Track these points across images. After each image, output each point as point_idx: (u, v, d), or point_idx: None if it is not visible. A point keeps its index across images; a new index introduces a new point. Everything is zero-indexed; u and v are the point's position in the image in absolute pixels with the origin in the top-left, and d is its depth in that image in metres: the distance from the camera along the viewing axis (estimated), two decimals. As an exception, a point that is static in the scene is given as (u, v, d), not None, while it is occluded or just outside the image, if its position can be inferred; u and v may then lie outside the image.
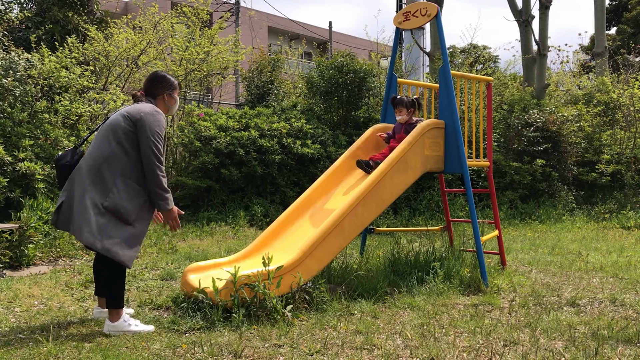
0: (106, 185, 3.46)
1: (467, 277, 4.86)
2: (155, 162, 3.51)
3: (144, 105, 3.65)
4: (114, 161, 3.50)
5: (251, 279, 3.75)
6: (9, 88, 7.17)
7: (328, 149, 10.00)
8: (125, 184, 3.49)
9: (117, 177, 3.49)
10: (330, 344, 3.33)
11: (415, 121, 5.18)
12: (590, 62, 19.12)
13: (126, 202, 3.46)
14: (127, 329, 3.50)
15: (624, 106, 13.25)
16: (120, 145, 3.52)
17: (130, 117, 3.55)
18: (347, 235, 4.38)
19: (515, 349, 3.28)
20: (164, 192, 3.57)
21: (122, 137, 3.53)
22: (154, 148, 3.51)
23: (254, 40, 19.26)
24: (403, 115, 5.18)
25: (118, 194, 3.46)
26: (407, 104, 5.19)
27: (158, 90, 3.77)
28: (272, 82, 12.11)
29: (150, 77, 3.85)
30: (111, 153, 3.51)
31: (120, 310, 3.54)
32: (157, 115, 3.60)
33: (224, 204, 9.35)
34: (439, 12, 5.14)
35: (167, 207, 3.59)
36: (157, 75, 3.82)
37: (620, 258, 6.54)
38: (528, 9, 13.81)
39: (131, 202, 3.48)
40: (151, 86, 3.78)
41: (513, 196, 10.96)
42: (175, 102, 3.88)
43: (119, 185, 3.48)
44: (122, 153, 3.52)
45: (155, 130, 3.53)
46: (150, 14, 10.63)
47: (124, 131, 3.53)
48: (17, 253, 5.62)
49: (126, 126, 3.54)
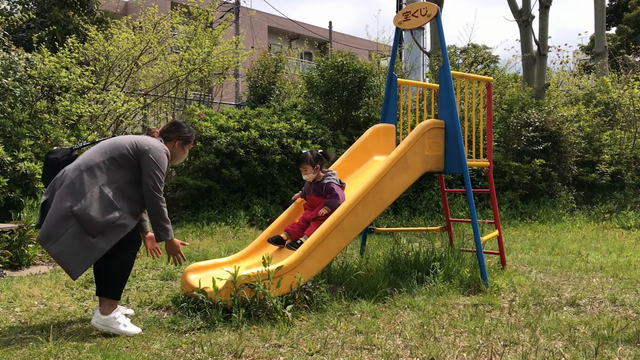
0: (82, 191, 3.41)
1: (467, 277, 4.86)
2: (157, 194, 3.52)
3: (154, 140, 3.69)
4: (99, 170, 3.48)
5: (251, 279, 3.75)
6: (9, 88, 7.17)
7: (328, 149, 10.00)
8: (101, 195, 3.43)
9: (95, 185, 3.44)
10: (330, 344, 3.33)
11: (324, 177, 4.56)
12: (590, 62, 19.11)
13: (94, 213, 3.37)
14: (115, 327, 3.45)
15: (624, 106, 13.26)
16: (113, 161, 3.51)
17: (137, 145, 3.57)
18: (347, 235, 4.38)
19: (515, 349, 3.28)
20: (164, 223, 3.57)
21: (117, 156, 3.52)
22: (157, 182, 3.53)
23: (254, 40, 19.26)
24: (309, 174, 4.64)
25: (90, 202, 3.39)
26: (311, 160, 4.63)
27: (172, 135, 3.84)
28: (274, 82, 12.12)
29: (171, 122, 3.97)
30: (99, 163, 3.49)
31: (115, 303, 3.52)
32: (164, 153, 3.63)
33: (224, 204, 9.35)
34: (439, 12, 5.14)
35: (167, 237, 3.60)
36: (177, 122, 3.93)
37: (620, 258, 6.54)
38: (528, 9, 13.81)
39: (100, 215, 3.39)
40: (168, 129, 3.86)
41: (513, 196, 10.96)
42: (183, 154, 3.92)
43: (94, 193, 3.42)
44: (112, 166, 3.50)
45: (160, 165, 3.55)
46: (151, 14, 10.62)
47: (124, 153, 3.54)
48: (17, 253, 5.62)
49: (129, 149, 3.55)
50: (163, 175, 3.58)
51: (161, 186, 3.56)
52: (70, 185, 3.43)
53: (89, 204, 3.39)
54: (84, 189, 3.42)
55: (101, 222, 3.40)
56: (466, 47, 19.29)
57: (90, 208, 3.38)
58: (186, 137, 3.88)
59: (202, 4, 11.48)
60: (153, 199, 3.52)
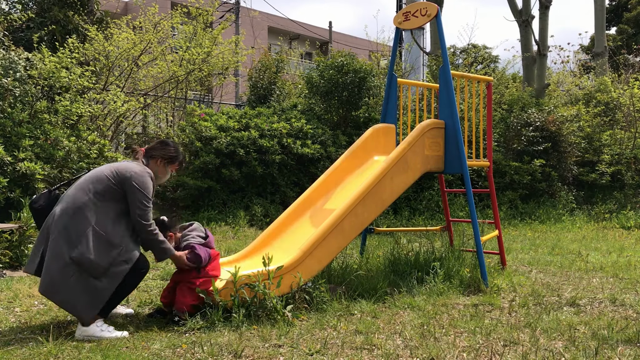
0: (76, 236, 3.37)
1: (467, 277, 4.85)
2: (145, 223, 3.49)
3: (134, 164, 3.62)
4: (88, 210, 3.42)
5: (251, 278, 3.75)
6: (9, 88, 7.17)
7: (328, 149, 10.00)
8: (96, 236, 3.39)
9: (88, 226, 3.39)
10: (330, 344, 3.33)
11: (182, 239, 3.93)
12: (590, 62, 19.11)
13: (93, 255, 3.34)
14: (100, 335, 3.40)
15: (624, 106, 13.26)
16: (98, 196, 3.46)
17: (118, 174, 3.51)
18: (347, 235, 4.38)
19: (515, 349, 3.28)
20: (160, 244, 3.58)
21: (101, 190, 3.48)
22: (144, 209, 3.49)
23: (255, 40, 19.25)
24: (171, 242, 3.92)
25: (86, 245, 3.35)
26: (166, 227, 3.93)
27: (156, 153, 3.78)
28: (275, 82, 12.12)
29: (160, 140, 3.95)
30: (86, 202, 3.43)
31: (98, 317, 3.47)
32: (147, 177, 3.57)
33: (224, 204, 9.35)
34: (439, 12, 5.14)
35: (166, 255, 3.62)
36: (165, 141, 3.89)
37: (620, 258, 6.54)
38: (528, 9, 13.81)
39: (99, 256, 3.36)
40: (154, 147, 3.82)
41: (513, 196, 10.96)
42: (165, 174, 3.84)
43: (89, 236, 3.37)
44: (99, 204, 3.45)
45: (144, 190, 3.51)
46: (151, 14, 10.63)
47: (107, 184, 3.49)
48: (17, 253, 5.62)
49: (111, 180, 3.50)
50: (149, 200, 3.54)
51: (149, 212, 3.52)
52: (62, 232, 3.38)
53: (86, 248, 3.34)
54: (78, 233, 3.37)
55: (103, 263, 3.37)
56: (466, 47, 19.29)
57: (88, 252, 3.34)
58: (170, 156, 3.81)
59: (202, 4, 11.49)
60: (142, 228, 3.51)
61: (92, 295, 3.37)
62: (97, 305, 3.40)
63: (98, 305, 3.41)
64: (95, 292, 3.38)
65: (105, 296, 3.41)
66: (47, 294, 3.38)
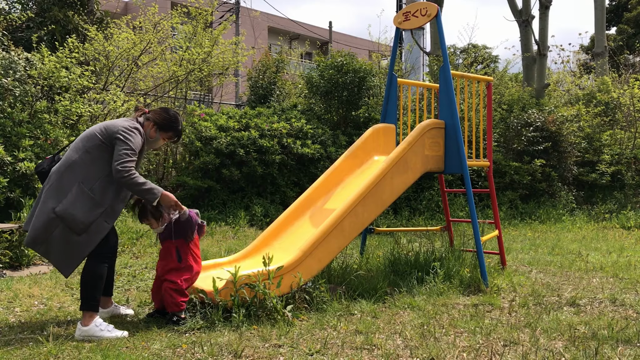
0: (63, 191, 3.44)
1: (467, 277, 4.86)
2: (120, 169, 3.43)
3: (123, 121, 3.63)
4: (77, 167, 3.48)
5: (251, 278, 3.75)
6: (9, 88, 7.17)
7: (328, 149, 10.00)
8: (81, 192, 3.44)
9: (75, 183, 3.45)
10: (330, 344, 3.33)
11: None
12: (591, 62, 19.11)
13: (76, 210, 3.40)
14: (100, 335, 3.41)
15: (624, 106, 13.26)
16: (88, 153, 3.50)
17: (106, 130, 3.53)
18: (347, 235, 4.38)
19: (515, 349, 3.28)
20: (145, 187, 3.48)
21: (91, 147, 3.51)
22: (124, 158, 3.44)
23: (255, 40, 19.25)
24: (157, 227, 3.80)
25: (71, 200, 3.41)
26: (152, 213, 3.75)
27: (152, 116, 3.76)
28: (275, 82, 12.11)
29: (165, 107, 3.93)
30: (76, 160, 3.49)
31: (94, 314, 3.47)
32: (135, 132, 3.55)
33: (224, 204, 9.35)
34: (439, 12, 5.15)
35: (156, 195, 3.51)
36: (166, 109, 3.86)
37: (620, 258, 6.54)
38: (528, 9, 13.81)
39: (82, 212, 3.41)
40: (155, 111, 3.82)
41: (513, 196, 10.96)
42: (154, 139, 3.78)
43: (74, 191, 3.43)
44: (88, 161, 3.48)
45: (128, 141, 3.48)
46: (151, 14, 10.62)
47: (96, 141, 3.51)
48: (17, 253, 5.62)
49: (100, 137, 3.52)
50: (132, 152, 3.48)
51: (129, 162, 3.45)
52: (52, 186, 3.47)
53: (70, 203, 3.41)
54: (65, 188, 3.44)
55: (84, 219, 3.42)
56: (466, 47, 19.30)
57: (71, 207, 3.41)
58: (163, 123, 3.74)
59: (201, 4, 11.48)
60: (119, 175, 3.42)
61: (73, 251, 3.44)
62: (76, 261, 3.47)
63: (77, 261, 3.47)
64: (76, 248, 3.44)
65: (84, 252, 3.46)
66: (31, 245, 3.48)
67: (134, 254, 6.36)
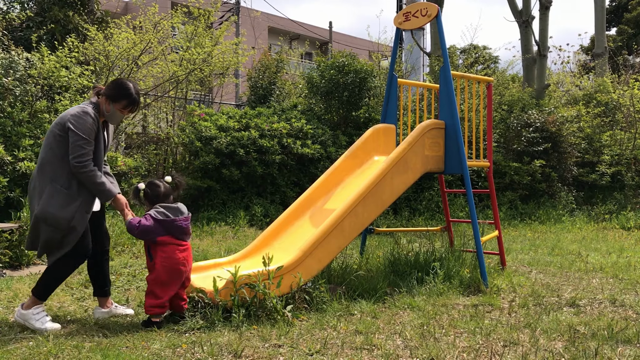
0: (39, 192, 3.51)
1: (467, 277, 4.86)
2: (77, 165, 3.46)
3: (74, 108, 3.63)
4: (46, 166, 3.52)
5: (251, 278, 3.75)
6: (9, 87, 7.17)
7: (328, 149, 10.00)
8: (54, 190, 3.48)
9: (47, 182, 3.50)
10: (330, 344, 3.33)
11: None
12: (590, 62, 19.12)
13: (54, 209, 3.45)
14: (32, 323, 3.51)
15: (624, 107, 13.26)
16: (52, 150, 3.53)
17: (60, 121, 3.55)
18: (347, 235, 4.38)
19: (515, 349, 3.28)
20: (99, 187, 3.53)
21: (53, 142, 3.53)
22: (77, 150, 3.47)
23: (255, 41, 19.25)
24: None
25: (46, 200, 3.46)
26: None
27: (105, 91, 3.72)
28: (275, 82, 12.11)
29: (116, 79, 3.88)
30: (44, 158, 3.54)
31: (37, 302, 3.57)
32: (83, 116, 3.53)
33: (224, 204, 9.35)
34: (439, 13, 5.15)
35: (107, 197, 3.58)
36: (117, 80, 3.79)
37: (620, 259, 6.54)
38: (528, 9, 13.81)
39: (60, 209, 3.46)
40: (107, 85, 3.76)
41: (513, 197, 10.97)
42: (112, 114, 3.70)
43: (48, 191, 3.49)
44: (54, 158, 3.52)
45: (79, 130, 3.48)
46: (151, 14, 10.62)
47: (55, 136, 3.53)
48: (17, 253, 5.63)
49: (57, 131, 3.54)
50: (84, 139, 3.48)
51: (83, 154, 3.47)
52: (33, 189, 3.56)
53: (46, 203, 3.46)
54: (40, 189, 3.50)
55: (65, 215, 3.47)
56: (467, 48, 19.30)
57: (49, 206, 3.46)
58: (111, 94, 3.66)
59: (202, 4, 11.48)
60: (76, 170, 3.48)
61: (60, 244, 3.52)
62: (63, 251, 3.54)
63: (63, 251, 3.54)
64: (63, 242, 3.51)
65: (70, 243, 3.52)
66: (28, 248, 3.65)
67: (133, 254, 6.36)
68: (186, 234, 3.70)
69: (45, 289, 3.62)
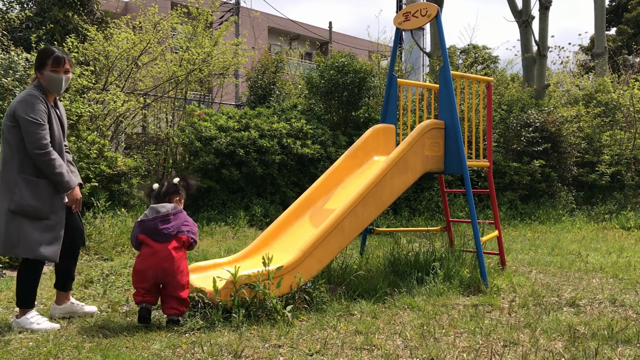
0: (8, 188, 3.44)
1: (467, 277, 4.86)
2: (36, 151, 3.42)
3: (20, 94, 3.57)
4: (9, 160, 3.47)
5: (251, 279, 3.75)
6: (9, 88, 7.17)
7: (328, 149, 10.00)
8: (24, 180, 3.45)
9: (15, 176, 3.45)
10: (330, 344, 3.33)
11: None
12: (590, 62, 19.12)
13: (30, 199, 3.42)
14: (30, 327, 3.50)
15: (623, 107, 13.26)
16: (9, 143, 3.48)
17: (9, 113, 3.50)
18: (347, 235, 4.38)
19: (515, 349, 3.28)
20: (56, 177, 3.49)
21: (8, 135, 3.49)
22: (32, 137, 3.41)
23: (255, 41, 19.24)
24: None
25: (20, 194, 3.42)
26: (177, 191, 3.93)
27: (34, 67, 3.66)
28: (274, 82, 12.10)
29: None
30: (5, 153, 3.49)
31: (25, 310, 3.56)
32: (30, 100, 3.47)
33: (224, 204, 9.35)
34: (439, 13, 5.15)
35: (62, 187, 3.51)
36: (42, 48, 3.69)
37: (620, 259, 6.54)
38: (528, 9, 13.81)
39: (37, 198, 3.44)
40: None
41: (513, 196, 10.96)
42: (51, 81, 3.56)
43: (19, 184, 3.44)
44: (15, 149, 3.47)
45: (28, 116, 3.42)
46: (151, 14, 10.62)
47: (8, 128, 3.49)
48: (16, 253, 5.61)
49: (8, 123, 3.49)
50: (35, 121, 3.43)
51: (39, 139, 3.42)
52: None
53: (21, 196, 3.42)
54: (9, 185, 3.45)
55: (43, 203, 3.44)
56: (466, 48, 19.30)
57: (24, 199, 3.42)
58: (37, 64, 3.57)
59: (202, 4, 11.48)
60: (35, 156, 3.43)
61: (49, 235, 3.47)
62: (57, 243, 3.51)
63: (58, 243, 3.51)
64: (51, 231, 3.48)
65: (59, 231, 3.50)
66: (6, 251, 3.52)
67: (133, 254, 6.35)
68: (158, 234, 3.64)
69: (25, 297, 3.59)
